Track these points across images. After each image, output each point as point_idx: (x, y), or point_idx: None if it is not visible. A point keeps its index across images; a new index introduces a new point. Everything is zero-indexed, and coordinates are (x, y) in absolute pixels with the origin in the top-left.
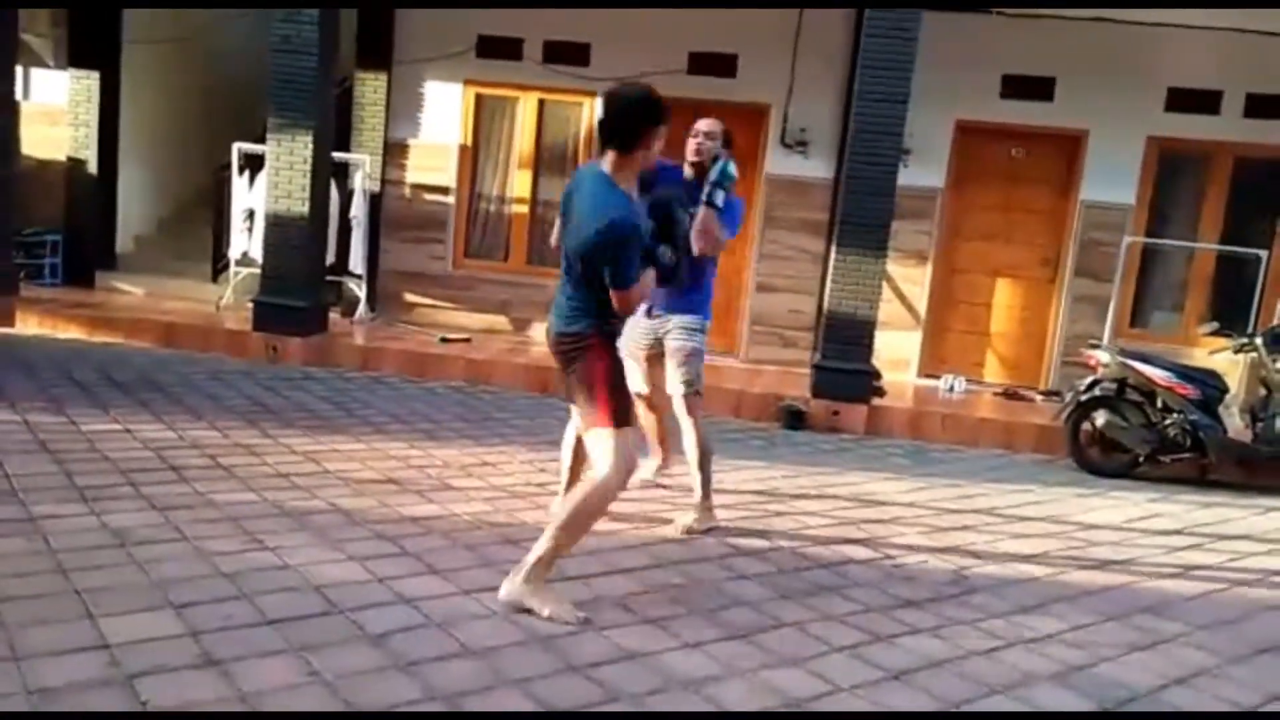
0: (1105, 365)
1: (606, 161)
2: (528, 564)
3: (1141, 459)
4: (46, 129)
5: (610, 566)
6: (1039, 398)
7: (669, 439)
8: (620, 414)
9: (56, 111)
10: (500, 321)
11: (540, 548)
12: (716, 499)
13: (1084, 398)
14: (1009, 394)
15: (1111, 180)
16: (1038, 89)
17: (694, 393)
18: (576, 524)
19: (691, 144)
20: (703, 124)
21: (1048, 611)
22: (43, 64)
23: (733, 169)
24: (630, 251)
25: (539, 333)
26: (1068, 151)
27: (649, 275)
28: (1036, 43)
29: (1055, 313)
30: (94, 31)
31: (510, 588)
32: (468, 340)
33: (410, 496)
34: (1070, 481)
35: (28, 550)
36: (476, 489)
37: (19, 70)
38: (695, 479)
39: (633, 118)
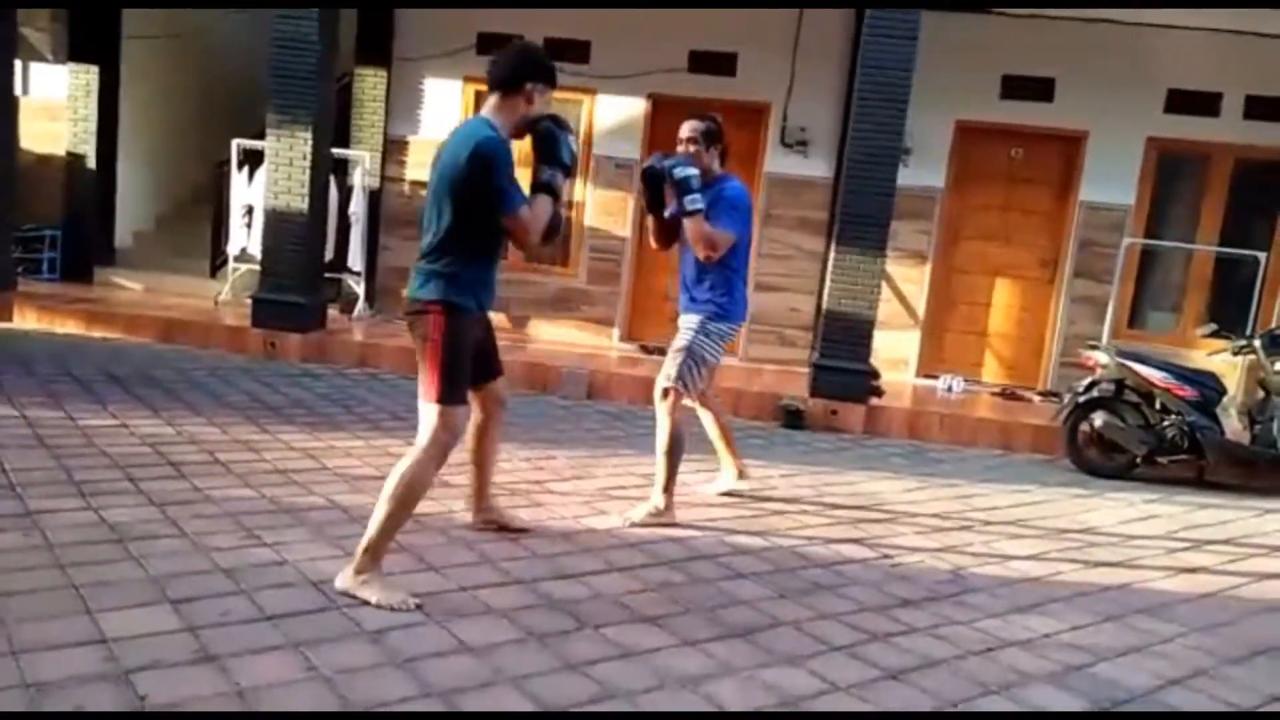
0: (1103, 366)
1: (488, 105)
2: (358, 553)
3: (1139, 460)
4: (45, 124)
5: (608, 564)
6: (1037, 398)
7: (734, 443)
8: (449, 389)
9: (56, 106)
10: (498, 319)
11: (367, 536)
12: (717, 497)
13: (1082, 398)
14: (1007, 394)
15: (1111, 181)
16: (1038, 90)
17: (671, 387)
18: (399, 506)
19: (678, 150)
20: (684, 129)
21: (1045, 612)
22: (42, 59)
23: (680, 171)
24: (506, 172)
25: (537, 330)
26: (1067, 152)
27: (543, 202)
28: (1036, 43)
29: (1054, 313)
30: (93, 27)
31: (343, 578)
32: None
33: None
34: (1068, 482)
35: (25, 545)
36: None
37: (18, 65)
38: (659, 467)
39: (516, 67)
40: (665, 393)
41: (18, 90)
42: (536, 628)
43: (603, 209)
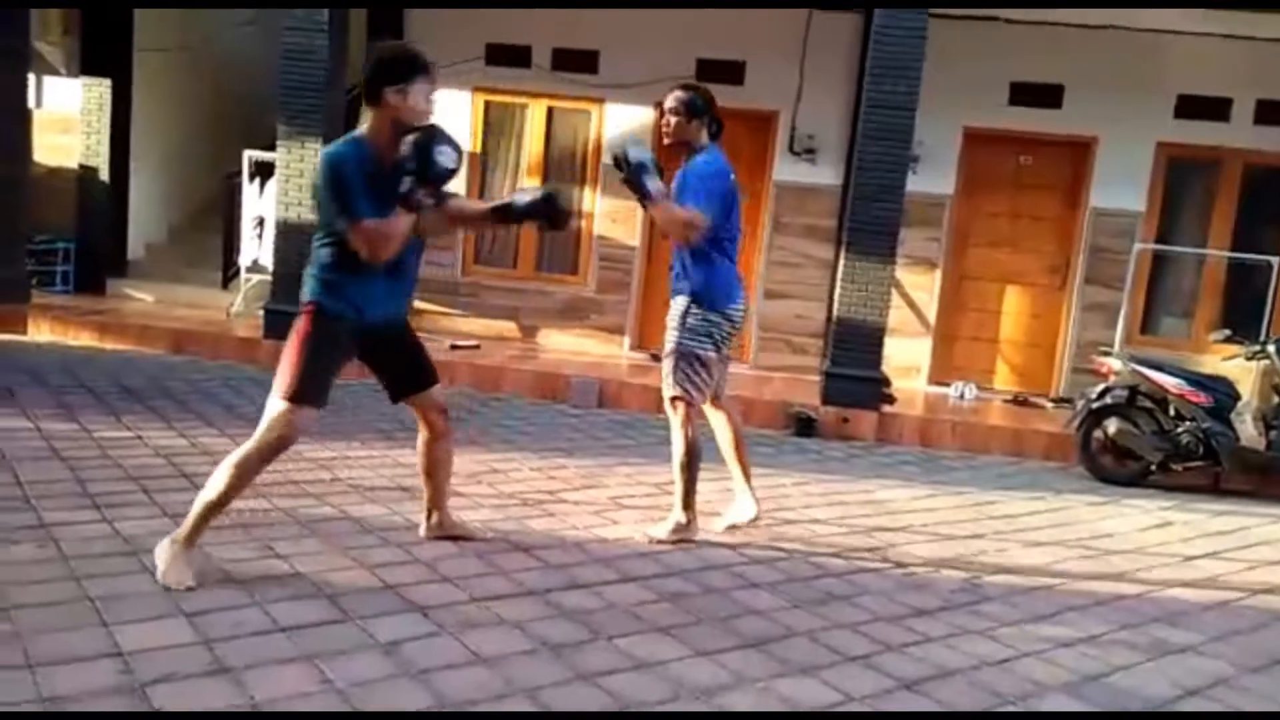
0: (1116, 372)
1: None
2: (182, 526)
3: (1154, 467)
4: (58, 137)
5: (621, 574)
6: (1050, 405)
7: (745, 455)
8: (299, 387)
9: (68, 119)
10: (509, 328)
11: (190, 513)
12: (722, 508)
13: (1095, 405)
14: (1020, 401)
15: (1121, 187)
16: (1046, 96)
17: (677, 395)
18: (226, 491)
19: (662, 123)
20: (666, 99)
21: (1060, 620)
22: (55, 72)
23: (634, 154)
24: (345, 185)
25: (547, 339)
26: (1076, 158)
27: (400, 219)
28: (1045, 50)
29: (1065, 320)
30: (106, 39)
31: (161, 546)
32: (477, 347)
33: (420, 503)
34: (1082, 489)
35: (40, 557)
36: (485, 496)
37: (31, 78)
38: (676, 481)
39: (370, 77)
40: (674, 403)
41: (31, 103)
42: (550, 639)
43: (611, 218)
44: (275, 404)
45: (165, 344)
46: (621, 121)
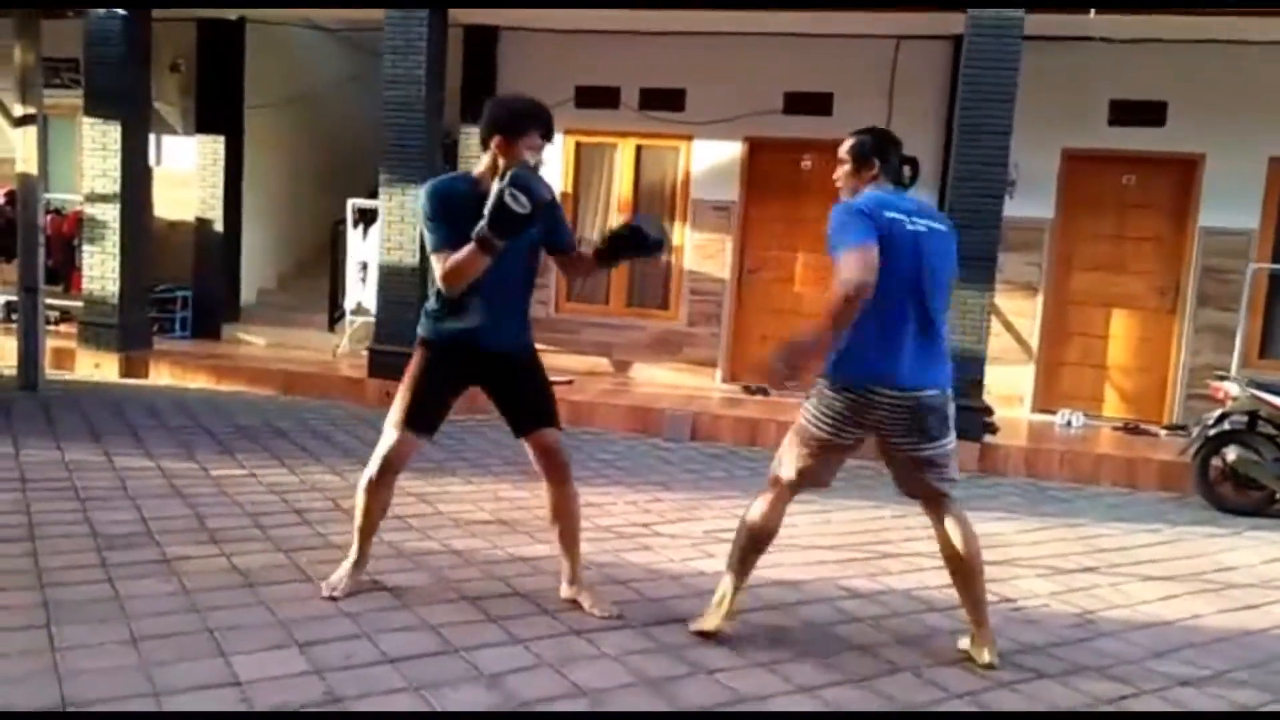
0: (1234, 397)
1: None
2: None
3: (1278, 496)
4: (176, 192)
5: None
6: (1163, 433)
7: (970, 584)
8: (397, 411)
9: (185, 175)
10: (602, 364)
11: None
12: (820, 540)
13: (1213, 432)
14: (1131, 429)
15: (1232, 205)
16: (1148, 114)
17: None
18: (359, 515)
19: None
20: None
21: (1181, 658)
22: (172, 132)
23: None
24: (429, 213)
25: (640, 374)
26: (1183, 177)
27: (465, 252)
28: (1144, 67)
29: (1177, 344)
30: (219, 98)
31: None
32: (570, 383)
33: (520, 537)
34: (1201, 520)
35: (164, 591)
36: (582, 530)
37: (151, 138)
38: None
39: (482, 126)
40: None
41: (151, 161)
42: (649, 672)
43: (702, 252)
44: (385, 427)
45: (276, 385)
46: (709, 156)
